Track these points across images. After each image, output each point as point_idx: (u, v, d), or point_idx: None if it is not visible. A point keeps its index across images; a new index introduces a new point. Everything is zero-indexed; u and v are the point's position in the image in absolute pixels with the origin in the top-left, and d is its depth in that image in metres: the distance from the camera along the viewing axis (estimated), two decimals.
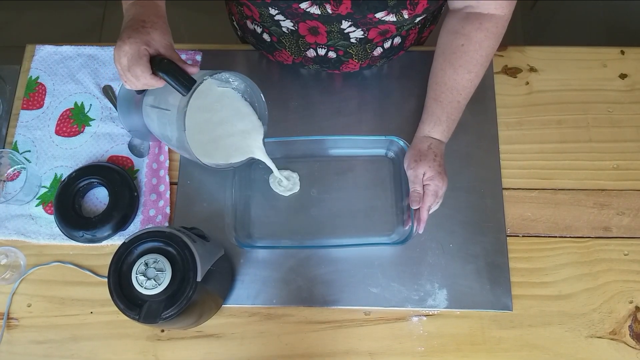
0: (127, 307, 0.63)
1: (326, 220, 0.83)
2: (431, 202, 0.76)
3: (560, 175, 0.86)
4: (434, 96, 0.79)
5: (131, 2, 0.66)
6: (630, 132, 0.89)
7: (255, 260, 0.82)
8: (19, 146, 0.89)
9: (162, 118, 0.72)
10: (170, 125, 0.70)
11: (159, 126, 0.74)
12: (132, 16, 0.64)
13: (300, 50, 0.83)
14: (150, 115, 0.75)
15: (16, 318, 0.80)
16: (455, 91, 0.77)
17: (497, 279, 0.80)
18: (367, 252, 0.81)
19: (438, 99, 0.78)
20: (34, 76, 0.93)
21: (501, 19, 0.74)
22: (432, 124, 0.79)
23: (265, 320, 0.79)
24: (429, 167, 0.76)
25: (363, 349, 0.78)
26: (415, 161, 0.77)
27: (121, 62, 0.62)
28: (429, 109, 0.80)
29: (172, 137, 0.72)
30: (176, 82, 0.63)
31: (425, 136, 0.79)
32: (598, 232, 0.83)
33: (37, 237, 0.83)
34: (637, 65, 0.93)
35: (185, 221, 0.83)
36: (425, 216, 0.76)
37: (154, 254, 0.64)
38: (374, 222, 0.83)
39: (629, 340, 0.77)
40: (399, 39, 0.83)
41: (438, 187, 0.76)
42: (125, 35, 0.61)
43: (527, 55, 0.94)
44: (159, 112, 0.72)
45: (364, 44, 0.80)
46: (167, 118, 0.70)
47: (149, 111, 0.75)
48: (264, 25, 0.81)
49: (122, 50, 0.61)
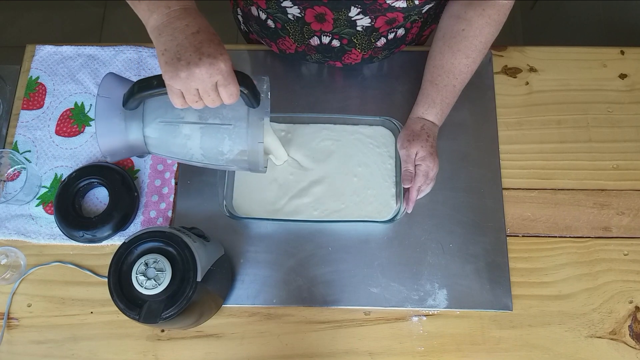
0: (127, 307, 0.63)
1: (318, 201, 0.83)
2: (421, 182, 0.77)
3: (560, 175, 0.86)
4: (431, 79, 0.80)
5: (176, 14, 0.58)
6: (630, 132, 0.89)
7: (255, 260, 0.82)
8: (19, 146, 0.89)
9: (208, 133, 0.67)
10: (232, 139, 0.67)
11: (184, 142, 0.68)
12: (198, 28, 0.57)
13: (304, 38, 0.83)
14: (168, 132, 0.68)
15: (16, 318, 0.80)
16: (451, 75, 0.78)
17: (497, 278, 0.80)
18: (367, 252, 0.82)
19: (434, 82, 0.79)
20: (34, 76, 0.93)
21: (503, 7, 0.75)
22: (426, 105, 0.80)
23: (265, 320, 0.79)
24: (421, 147, 0.77)
25: (363, 348, 0.78)
26: (409, 141, 0.78)
27: (212, 80, 0.56)
28: (425, 91, 0.81)
29: (227, 152, 0.68)
30: (252, 95, 0.62)
31: (419, 117, 0.81)
32: (598, 232, 0.83)
33: (37, 237, 0.83)
34: (637, 65, 0.93)
35: (185, 221, 0.84)
36: (414, 196, 0.77)
37: (154, 254, 0.64)
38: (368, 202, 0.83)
39: (628, 340, 0.77)
40: (402, 30, 0.83)
41: (429, 168, 0.77)
42: (212, 51, 0.56)
43: (527, 55, 0.94)
44: (203, 128, 0.67)
45: (369, 34, 0.80)
46: (223, 132, 0.67)
47: (166, 128, 0.68)
48: (269, 12, 0.81)
49: (218, 68, 0.56)
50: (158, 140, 0.69)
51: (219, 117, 0.67)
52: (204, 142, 0.68)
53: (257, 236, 0.83)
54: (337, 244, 0.82)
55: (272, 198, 0.83)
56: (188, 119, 0.67)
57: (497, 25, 0.76)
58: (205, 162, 0.71)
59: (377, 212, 0.82)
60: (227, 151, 0.68)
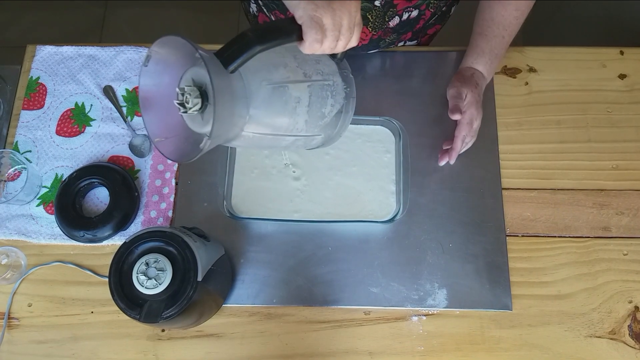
0: (128, 307, 0.63)
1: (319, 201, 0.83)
2: (466, 131, 0.79)
3: (559, 175, 0.86)
4: (480, 31, 0.82)
5: None
6: (630, 132, 0.89)
7: (255, 260, 0.82)
8: (19, 146, 0.89)
9: (319, 92, 0.61)
10: (334, 96, 0.63)
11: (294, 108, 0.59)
12: None
13: None
14: (278, 97, 0.58)
15: (17, 318, 0.80)
16: (501, 26, 0.80)
17: (496, 278, 0.80)
18: (367, 252, 0.82)
19: (483, 33, 0.82)
20: (34, 76, 0.93)
21: None
22: (475, 55, 0.83)
23: (265, 320, 0.79)
24: (470, 92, 0.79)
25: (363, 348, 0.78)
26: (460, 82, 0.81)
27: (357, 14, 0.56)
28: (474, 42, 0.83)
29: (327, 113, 0.63)
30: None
31: (468, 67, 0.84)
32: (597, 232, 0.83)
33: (38, 237, 0.84)
34: (637, 65, 0.93)
35: (186, 221, 0.84)
36: (458, 146, 0.79)
37: (154, 254, 0.65)
38: (368, 203, 0.83)
39: (628, 340, 0.77)
40: (416, 12, 0.84)
41: (473, 116, 0.79)
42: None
43: (526, 55, 0.94)
44: (311, 87, 0.60)
45: (386, 10, 0.80)
46: (327, 90, 0.62)
47: (276, 93, 0.58)
48: None
49: (354, 6, 0.55)
50: (266, 111, 0.58)
51: (320, 73, 0.61)
52: (312, 103, 0.61)
53: (257, 236, 0.83)
54: (337, 244, 0.82)
55: (272, 198, 0.83)
56: (294, 78, 0.59)
57: None
58: (301, 135, 0.63)
59: (377, 212, 0.82)
60: (328, 112, 0.63)
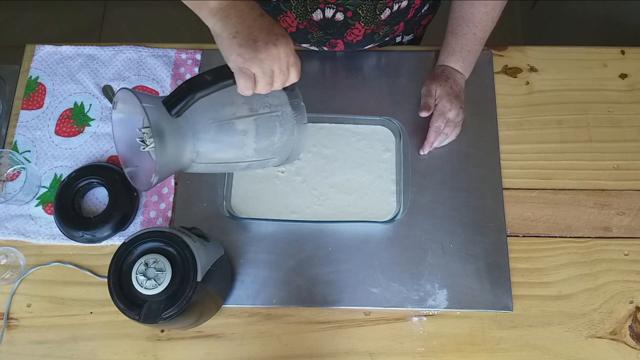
0: (127, 307, 0.63)
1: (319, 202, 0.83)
2: (440, 123, 0.81)
3: (560, 175, 0.86)
4: (451, 29, 0.84)
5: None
6: (631, 132, 0.88)
7: (255, 260, 0.82)
8: (18, 146, 0.89)
9: (266, 124, 0.66)
10: (282, 125, 0.68)
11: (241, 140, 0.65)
12: (261, 11, 0.59)
13: (307, 12, 0.82)
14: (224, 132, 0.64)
15: (16, 318, 0.80)
16: (471, 24, 0.82)
17: (497, 279, 0.80)
18: (367, 252, 0.81)
19: (454, 32, 0.84)
20: (33, 76, 0.93)
21: None
22: (446, 54, 0.85)
23: (265, 320, 0.79)
24: (439, 86, 0.82)
25: (363, 349, 0.78)
26: (430, 80, 0.84)
27: (289, 59, 0.58)
28: (445, 42, 0.86)
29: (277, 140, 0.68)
30: None
31: (439, 65, 0.86)
32: (598, 232, 0.83)
33: (37, 237, 0.83)
34: (637, 65, 0.93)
35: (185, 221, 0.83)
36: (432, 138, 0.82)
37: (154, 254, 0.64)
38: (368, 202, 0.83)
39: (629, 340, 0.77)
40: (405, 2, 0.84)
41: (445, 108, 0.81)
42: (282, 31, 0.58)
43: (527, 55, 0.94)
44: (257, 119, 0.65)
45: (376, 3, 0.80)
46: (275, 120, 0.67)
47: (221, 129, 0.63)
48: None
49: (291, 48, 0.58)
50: (213, 145, 0.64)
51: (267, 105, 0.66)
52: (259, 134, 0.66)
53: (257, 236, 0.83)
54: (337, 244, 0.82)
55: (271, 198, 0.83)
56: (240, 114, 0.64)
57: None
58: (253, 160, 0.68)
59: (377, 212, 0.82)
60: (278, 140, 0.69)
